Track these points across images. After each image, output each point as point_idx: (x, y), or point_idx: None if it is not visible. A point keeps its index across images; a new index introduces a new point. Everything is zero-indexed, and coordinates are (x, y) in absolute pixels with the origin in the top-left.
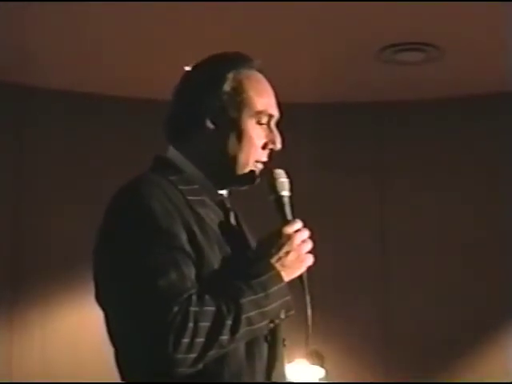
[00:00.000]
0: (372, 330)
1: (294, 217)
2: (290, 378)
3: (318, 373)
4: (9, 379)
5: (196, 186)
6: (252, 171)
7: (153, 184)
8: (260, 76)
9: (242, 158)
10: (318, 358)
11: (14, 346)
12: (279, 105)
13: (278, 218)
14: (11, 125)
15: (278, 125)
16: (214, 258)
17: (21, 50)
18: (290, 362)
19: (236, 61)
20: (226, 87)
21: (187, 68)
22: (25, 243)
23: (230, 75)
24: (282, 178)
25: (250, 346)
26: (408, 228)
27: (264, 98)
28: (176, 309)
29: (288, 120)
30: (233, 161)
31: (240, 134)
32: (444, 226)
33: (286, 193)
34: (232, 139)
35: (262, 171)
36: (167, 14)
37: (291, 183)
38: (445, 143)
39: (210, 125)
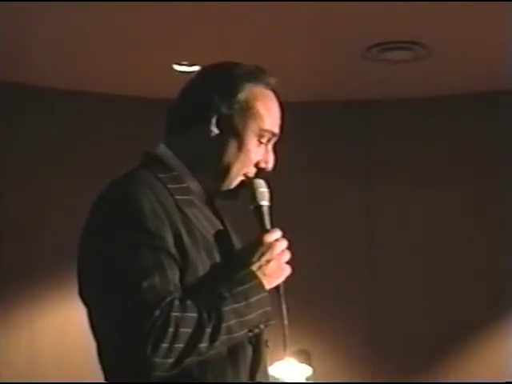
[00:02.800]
0: (359, 328)
1: (273, 226)
2: (278, 376)
3: (306, 371)
4: None
5: (185, 185)
6: (238, 187)
7: (142, 182)
8: (272, 95)
9: (235, 168)
10: (306, 357)
11: (1, 345)
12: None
13: (256, 226)
14: (4, 123)
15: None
16: (200, 262)
17: (15, 49)
18: (277, 360)
19: (255, 74)
20: (241, 96)
21: (176, 67)
22: (10, 243)
23: (247, 86)
24: (262, 188)
25: (234, 348)
26: (395, 228)
27: (272, 118)
28: (157, 313)
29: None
30: (225, 169)
31: (240, 146)
32: (431, 225)
33: (265, 202)
34: (231, 148)
35: (242, 183)
36: (166, 14)
37: (271, 193)
38: (431, 142)
39: (213, 128)
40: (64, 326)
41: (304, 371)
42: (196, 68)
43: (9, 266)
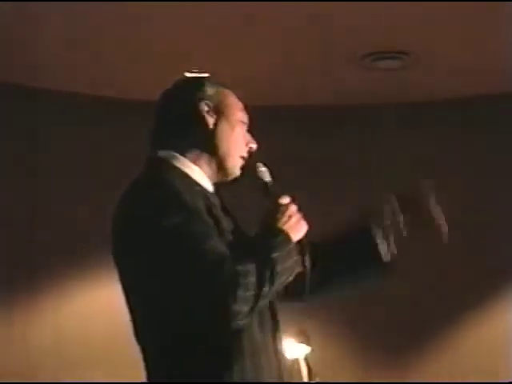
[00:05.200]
0: (355, 314)
1: (278, 194)
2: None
3: (304, 350)
4: (26, 360)
5: (195, 181)
6: (238, 166)
7: (172, 178)
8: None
9: (232, 150)
10: (305, 337)
11: (28, 327)
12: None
13: (266, 200)
14: (24, 125)
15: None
16: (228, 234)
17: (23, 51)
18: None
19: (214, 81)
20: (214, 95)
21: (188, 74)
22: (40, 230)
23: (214, 87)
24: (262, 168)
25: (261, 321)
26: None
27: (240, 104)
28: (227, 268)
29: (273, 121)
30: (226, 154)
31: (232, 131)
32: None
33: (268, 179)
34: (226, 135)
35: (242, 167)
36: (178, 26)
37: (271, 172)
38: (419, 144)
39: (205, 123)
40: (89, 311)
41: (303, 350)
42: (205, 75)
43: (37, 252)
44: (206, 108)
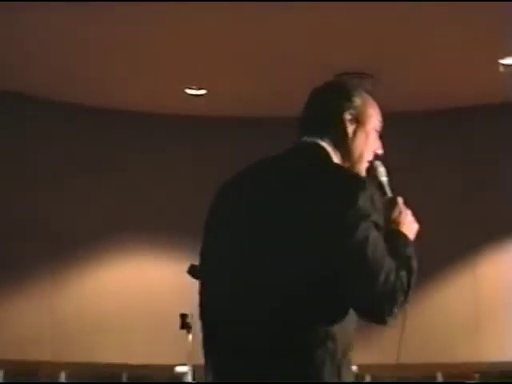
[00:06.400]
0: None
1: (394, 193)
2: None
3: None
4: (52, 326)
5: None
6: (365, 168)
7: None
8: (369, 96)
9: (364, 155)
10: None
11: (55, 298)
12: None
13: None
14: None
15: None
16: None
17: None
18: None
19: (357, 86)
20: (359, 102)
21: (187, 90)
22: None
23: (359, 94)
24: (381, 168)
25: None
26: None
27: (378, 113)
28: (393, 284)
29: (265, 132)
30: (358, 159)
31: (366, 140)
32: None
33: (384, 178)
34: (362, 140)
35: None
36: (180, 48)
37: (388, 170)
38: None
39: (349, 127)
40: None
41: None
42: (203, 91)
43: (65, 234)
44: (349, 117)
